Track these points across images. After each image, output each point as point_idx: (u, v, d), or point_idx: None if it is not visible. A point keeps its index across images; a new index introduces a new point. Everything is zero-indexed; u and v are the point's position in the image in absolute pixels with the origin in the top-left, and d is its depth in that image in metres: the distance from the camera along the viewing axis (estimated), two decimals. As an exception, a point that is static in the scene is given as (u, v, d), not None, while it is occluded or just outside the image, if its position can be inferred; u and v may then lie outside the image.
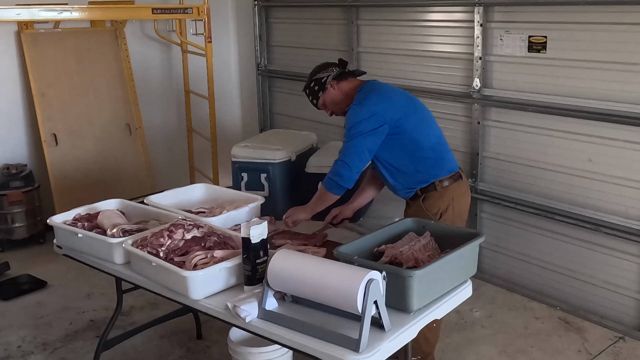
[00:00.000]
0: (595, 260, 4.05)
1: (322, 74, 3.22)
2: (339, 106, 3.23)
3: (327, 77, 3.20)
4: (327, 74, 3.21)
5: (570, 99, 4.00)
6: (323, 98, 3.23)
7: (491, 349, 3.75)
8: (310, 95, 3.27)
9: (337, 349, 2.17)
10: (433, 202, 3.16)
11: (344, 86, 3.21)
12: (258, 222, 2.57)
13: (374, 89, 3.17)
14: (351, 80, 3.24)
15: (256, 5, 6.29)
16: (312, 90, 3.25)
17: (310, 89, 3.26)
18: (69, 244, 3.13)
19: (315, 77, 3.23)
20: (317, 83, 3.22)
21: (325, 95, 3.22)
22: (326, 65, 3.28)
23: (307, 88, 3.27)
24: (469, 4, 4.45)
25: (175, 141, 6.40)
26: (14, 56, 5.41)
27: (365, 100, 3.08)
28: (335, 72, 3.22)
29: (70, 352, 3.77)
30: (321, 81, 3.21)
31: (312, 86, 3.24)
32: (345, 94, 3.20)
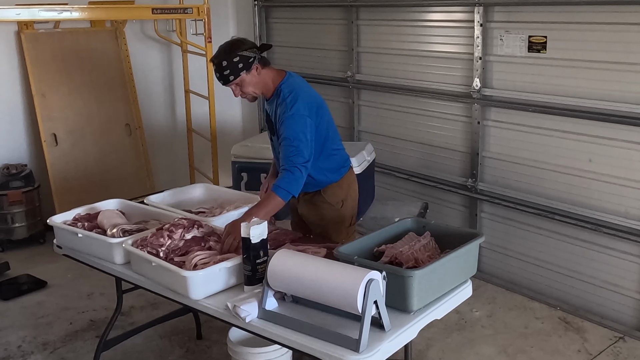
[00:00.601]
0: (595, 260, 4.05)
1: (249, 52, 3.00)
2: (256, 90, 3.10)
3: (254, 58, 3.01)
4: (254, 55, 3.02)
5: (570, 99, 4.00)
6: (242, 78, 3.02)
7: (491, 349, 3.75)
8: (228, 69, 2.99)
9: (337, 349, 2.17)
10: (333, 192, 3.26)
11: (266, 74, 3.08)
12: (258, 222, 2.57)
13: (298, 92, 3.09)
14: (270, 68, 3.13)
15: (256, 5, 6.29)
16: (232, 65, 2.98)
17: (231, 63, 2.98)
18: (69, 244, 3.13)
19: (242, 54, 2.99)
20: (242, 60, 2.99)
21: (247, 77, 3.02)
22: (246, 42, 3.06)
23: (227, 61, 2.99)
24: (469, 4, 4.45)
25: (175, 141, 6.40)
26: (14, 56, 5.41)
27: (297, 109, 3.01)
28: (259, 54, 3.05)
29: (70, 352, 3.77)
30: (248, 60, 3.00)
31: (236, 62, 2.98)
32: (264, 82, 3.10)
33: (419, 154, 5.04)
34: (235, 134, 6.65)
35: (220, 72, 3.01)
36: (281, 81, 3.13)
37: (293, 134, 2.98)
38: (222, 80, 3.04)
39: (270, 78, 3.12)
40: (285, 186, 2.93)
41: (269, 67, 3.13)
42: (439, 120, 4.84)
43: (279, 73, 3.17)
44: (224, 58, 3.00)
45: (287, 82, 3.14)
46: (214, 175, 5.83)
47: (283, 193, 2.93)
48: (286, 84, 3.12)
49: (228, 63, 2.99)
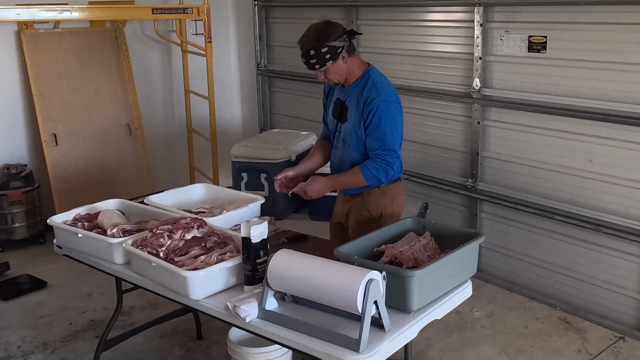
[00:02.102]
0: (595, 260, 4.05)
1: (338, 42, 2.96)
2: (340, 78, 3.09)
3: (342, 47, 2.98)
4: (342, 43, 2.98)
5: (570, 99, 4.00)
6: (329, 67, 3.00)
7: (491, 349, 3.75)
8: (315, 58, 2.97)
9: (337, 349, 2.17)
10: (375, 199, 3.19)
11: (352, 62, 3.06)
12: (258, 222, 2.57)
13: (387, 83, 3.14)
14: (356, 57, 3.11)
15: (256, 5, 6.29)
16: (320, 55, 2.96)
17: (319, 53, 2.95)
18: (69, 244, 3.13)
19: (331, 44, 2.95)
20: (330, 51, 2.95)
21: (334, 66, 3.00)
22: (336, 29, 3.00)
23: (315, 50, 2.96)
24: (469, 4, 4.45)
25: (175, 141, 6.40)
26: (14, 56, 5.41)
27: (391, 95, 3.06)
28: (348, 42, 3.01)
29: (70, 352, 3.77)
30: (336, 50, 2.97)
31: (324, 52, 2.95)
32: (349, 70, 3.08)
33: (419, 154, 5.04)
34: (235, 134, 6.65)
35: (307, 59, 3.00)
36: (367, 68, 3.12)
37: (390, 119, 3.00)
38: (307, 65, 3.03)
39: (356, 66, 3.11)
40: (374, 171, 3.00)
41: (355, 55, 3.11)
42: (439, 120, 4.84)
43: (364, 63, 3.16)
44: (312, 47, 2.96)
45: (374, 71, 3.14)
46: (214, 175, 5.83)
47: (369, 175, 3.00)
48: (374, 71, 3.13)
49: (316, 52, 2.96)
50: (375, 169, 3.01)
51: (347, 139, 3.15)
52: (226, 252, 2.73)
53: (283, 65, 6.23)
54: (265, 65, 6.40)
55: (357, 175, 3.03)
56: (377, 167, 3.01)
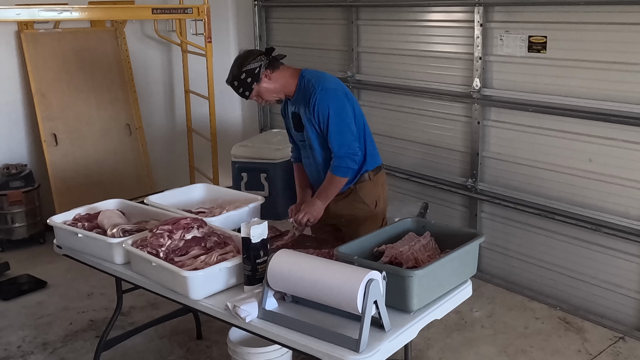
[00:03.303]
0: (595, 260, 4.05)
1: (253, 64, 3.07)
2: (276, 95, 3.16)
3: (259, 67, 3.07)
4: (258, 63, 3.07)
5: (570, 99, 4.00)
6: (257, 89, 3.10)
7: (491, 349, 3.75)
8: (240, 87, 3.10)
9: (337, 349, 2.17)
10: (368, 191, 3.26)
11: (278, 76, 3.12)
12: (258, 222, 2.57)
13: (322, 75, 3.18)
14: (283, 68, 3.15)
15: (256, 5, 6.29)
16: (242, 82, 3.08)
17: (240, 80, 3.09)
18: (69, 244, 3.13)
19: (246, 69, 3.07)
20: (249, 74, 3.07)
21: (261, 87, 3.09)
22: (251, 53, 3.13)
23: (236, 80, 3.10)
24: (469, 4, 4.45)
25: (175, 141, 6.40)
26: (14, 56, 5.41)
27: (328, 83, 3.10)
28: (265, 61, 3.09)
29: (70, 352, 3.77)
30: (254, 72, 3.07)
31: (243, 78, 3.07)
32: (283, 84, 3.14)
33: (419, 154, 5.04)
34: (235, 134, 6.65)
35: (236, 90, 3.13)
36: (301, 73, 3.16)
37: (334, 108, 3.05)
38: (241, 96, 3.15)
39: (287, 77, 3.15)
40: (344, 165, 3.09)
41: (281, 69, 3.14)
42: (439, 120, 4.84)
43: (296, 70, 3.18)
44: (234, 78, 3.11)
45: (306, 72, 3.17)
46: (214, 175, 5.83)
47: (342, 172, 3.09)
48: (307, 72, 3.17)
49: (238, 82, 3.10)
50: (344, 163, 3.10)
51: (311, 143, 3.21)
52: (226, 252, 2.73)
53: (283, 65, 6.22)
54: (265, 65, 6.39)
55: (334, 179, 3.13)
56: (342, 162, 3.09)
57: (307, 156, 3.29)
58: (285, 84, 3.14)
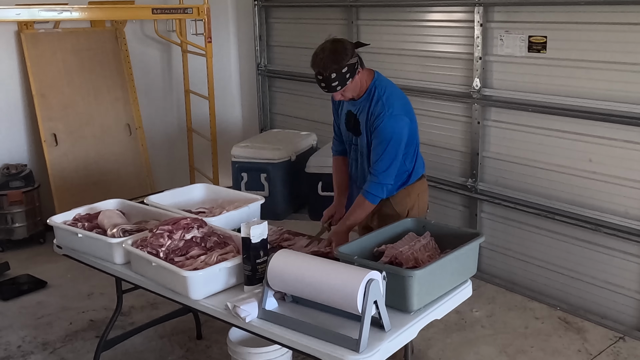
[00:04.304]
0: (595, 260, 4.05)
1: (353, 58, 2.92)
2: (355, 93, 3.05)
3: (357, 62, 2.95)
4: (356, 58, 2.95)
5: (570, 99, 4.00)
6: (349, 84, 2.96)
7: (491, 349, 3.75)
8: (337, 80, 2.90)
9: (337, 349, 2.17)
10: (400, 200, 3.18)
11: (363, 74, 3.03)
12: (258, 222, 2.57)
13: (393, 90, 3.10)
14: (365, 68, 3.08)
15: (256, 5, 6.29)
16: (341, 76, 2.90)
17: (340, 74, 2.89)
18: (69, 244, 3.13)
19: (349, 62, 2.90)
20: (350, 69, 2.90)
21: (353, 82, 2.96)
22: (345, 46, 2.96)
23: (336, 72, 2.89)
24: (469, 4, 4.45)
25: (175, 141, 6.40)
26: (14, 56, 5.41)
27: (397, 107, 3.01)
28: (359, 57, 2.98)
29: (70, 352, 3.77)
30: (354, 67, 2.93)
31: (344, 72, 2.89)
32: (361, 83, 3.05)
33: (419, 154, 5.04)
34: (235, 134, 6.65)
35: (327, 83, 2.92)
36: (373, 80, 3.07)
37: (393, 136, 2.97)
38: (327, 89, 2.95)
39: (365, 78, 3.06)
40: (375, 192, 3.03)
41: (365, 67, 3.07)
42: (439, 120, 4.84)
43: (370, 72, 3.11)
44: (334, 69, 2.89)
45: (379, 80, 3.09)
46: (214, 175, 5.83)
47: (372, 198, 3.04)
48: (379, 81, 3.08)
49: (337, 74, 2.90)
50: (375, 190, 3.03)
51: (364, 151, 3.15)
52: (226, 252, 2.73)
53: (283, 65, 6.23)
54: (265, 65, 6.40)
55: (364, 204, 3.06)
56: (375, 187, 3.03)
57: (356, 158, 3.24)
58: (362, 84, 3.05)
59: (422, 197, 3.26)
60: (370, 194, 3.03)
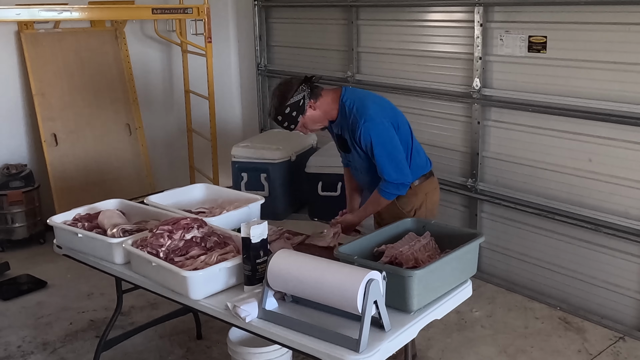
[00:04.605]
0: (595, 260, 4.05)
1: (296, 96, 2.99)
2: (321, 123, 3.12)
3: (302, 98, 3.00)
4: (301, 94, 3.00)
5: (570, 99, 4.00)
6: (302, 121, 3.05)
7: (491, 349, 3.75)
8: (285, 121, 3.03)
9: (337, 349, 2.17)
10: (407, 200, 3.20)
11: (321, 103, 3.06)
12: (258, 222, 2.57)
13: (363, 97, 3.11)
14: (324, 93, 3.09)
15: (256, 5, 6.29)
16: (287, 116, 3.01)
17: (285, 115, 3.01)
18: (69, 244, 3.13)
19: (290, 102, 2.99)
20: (293, 108, 2.99)
21: (306, 118, 3.04)
22: (291, 84, 3.04)
23: (280, 114, 3.02)
24: (469, 4, 4.45)
25: (175, 141, 6.40)
26: (14, 56, 5.41)
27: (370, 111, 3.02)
28: (307, 90, 3.02)
29: (70, 352, 3.77)
30: (298, 104, 3.00)
31: (288, 112, 3.00)
32: (325, 111, 3.08)
33: (419, 154, 5.04)
34: (235, 134, 6.65)
35: (280, 125, 3.08)
36: (340, 97, 3.09)
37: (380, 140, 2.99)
38: (288, 130, 3.10)
39: (329, 103, 3.08)
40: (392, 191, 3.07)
41: (323, 95, 3.07)
42: (439, 120, 4.84)
43: (335, 92, 3.11)
44: (278, 113, 3.03)
45: (346, 94, 3.10)
46: (214, 175, 5.83)
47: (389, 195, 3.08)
48: (346, 96, 3.09)
49: (283, 116, 3.03)
50: (393, 189, 3.08)
51: (357, 166, 3.21)
52: (226, 252, 2.73)
53: (283, 65, 6.23)
54: (265, 65, 6.40)
55: (379, 200, 3.11)
56: (391, 188, 3.07)
57: (355, 174, 3.31)
58: (327, 110, 3.08)
59: (430, 196, 3.27)
60: (385, 191, 3.08)
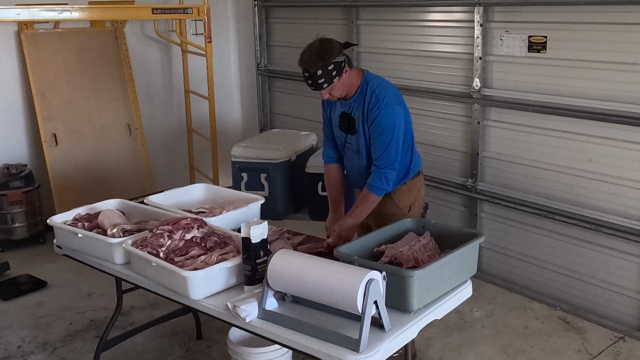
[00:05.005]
0: (595, 260, 4.05)
1: (340, 57, 2.97)
2: (344, 92, 3.08)
3: (344, 61, 2.99)
4: (343, 57, 2.99)
5: (570, 99, 4.00)
6: (336, 83, 2.99)
7: (491, 349, 3.75)
8: (323, 77, 2.95)
9: (337, 349, 2.17)
10: (402, 195, 3.23)
11: (352, 74, 3.06)
12: (258, 222, 2.57)
13: (386, 83, 3.14)
14: (353, 67, 3.12)
15: (256, 5, 6.29)
16: (327, 73, 2.94)
17: (326, 71, 2.94)
18: (69, 244, 3.13)
19: (335, 60, 2.94)
20: (336, 67, 2.95)
21: (340, 81, 2.99)
22: (333, 45, 3.00)
23: (322, 69, 2.93)
24: (469, 4, 4.45)
25: (175, 141, 6.40)
26: (14, 56, 5.41)
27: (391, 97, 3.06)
28: (347, 57, 3.02)
29: (70, 352, 3.77)
30: (340, 65, 2.97)
31: (330, 69, 2.94)
32: (350, 83, 3.07)
33: (419, 154, 5.04)
34: (235, 134, 6.65)
35: (314, 80, 2.97)
36: (363, 77, 3.10)
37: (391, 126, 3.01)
38: (313, 87, 3.00)
39: (355, 76, 3.09)
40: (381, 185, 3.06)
41: (353, 67, 3.09)
42: (439, 120, 4.84)
43: (359, 71, 3.14)
44: (320, 67, 2.93)
45: (370, 76, 3.12)
46: (214, 175, 5.83)
47: (378, 192, 3.06)
48: (370, 77, 3.12)
49: (323, 71, 2.94)
50: (380, 183, 3.07)
51: (360, 150, 3.17)
52: (226, 252, 2.73)
53: (283, 65, 6.23)
54: (265, 65, 6.40)
55: (370, 197, 3.09)
56: (380, 181, 3.06)
57: (352, 159, 3.25)
58: (353, 83, 3.08)
59: (420, 193, 3.33)
60: (375, 187, 3.07)
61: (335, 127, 3.27)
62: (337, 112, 3.21)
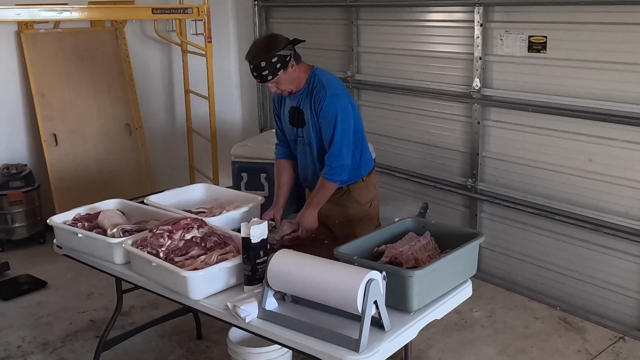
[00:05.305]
0: (595, 260, 4.05)
1: (285, 50, 3.01)
2: (291, 87, 3.13)
3: (290, 55, 3.03)
4: (289, 52, 3.03)
5: (570, 99, 4.00)
6: (281, 76, 3.04)
7: (491, 349, 3.75)
8: (267, 69, 2.99)
9: (337, 349, 2.17)
10: (361, 191, 3.28)
11: (299, 69, 3.10)
12: (258, 222, 2.57)
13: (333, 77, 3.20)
14: (302, 63, 3.15)
15: (256, 5, 6.29)
16: (270, 65, 2.99)
17: (270, 63, 2.98)
18: (69, 244, 3.13)
19: (280, 53, 2.99)
20: (280, 60, 2.99)
21: (285, 75, 3.04)
22: (279, 40, 3.06)
23: (265, 61, 2.98)
24: (469, 4, 4.45)
25: (175, 141, 6.40)
26: (14, 56, 5.41)
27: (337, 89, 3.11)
28: (293, 52, 3.06)
29: (70, 352, 3.77)
30: (285, 59, 3.01)
31: (274, 62, 2.99)
32: (298, 76, 3.12)
33: (419, 154, 5.04)
34: (235, 134, 6.65)
35: (258, 72, 3.02)
36: (311, 71, 3.16)
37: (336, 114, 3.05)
38: (259, 79, 3.06)
39: (303, 71, 3.14)
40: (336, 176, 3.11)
41: (301, 62, 3.14)
42: (439, 120, 4.84)
43: (308, 66, 3.19)
44: (263, 58, 2.99)
45: (318, 70, 3.18)
46: (214, 175, 5.83)
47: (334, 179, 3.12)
48: (318, 71, 3.17)
49: (267, 63, 2.99)
50: (335, 174, 3.11)
51: (310, 140, 3.20)
52: (226, 252, 2.73)
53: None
54: (265, 65, 6.39)
55: (326, 184, 3.14)
56: (334, 172, 3.11)
57: (304, 152, 3.28)
58: (300, 77, 3.13)
59: (376, 188, 3.43)
60: (329, 174, 3.12)
61: (285, 123, 3.31)
62: (287, 107, 3.26)
